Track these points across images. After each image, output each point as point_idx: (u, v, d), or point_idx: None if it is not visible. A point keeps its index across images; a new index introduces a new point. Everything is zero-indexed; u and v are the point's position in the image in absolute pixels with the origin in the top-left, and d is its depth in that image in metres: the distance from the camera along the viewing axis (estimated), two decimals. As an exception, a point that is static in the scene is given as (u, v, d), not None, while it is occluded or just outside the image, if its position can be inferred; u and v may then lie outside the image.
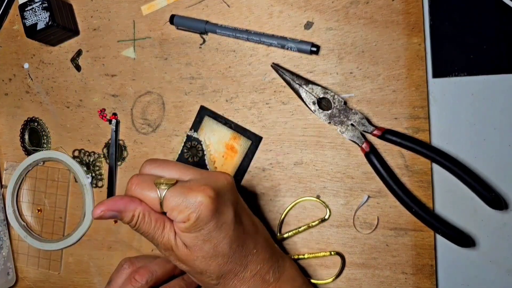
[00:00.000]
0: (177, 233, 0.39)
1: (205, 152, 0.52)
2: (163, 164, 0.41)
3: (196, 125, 0.52)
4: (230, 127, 0.51)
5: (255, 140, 0.50)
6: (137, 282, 0.46)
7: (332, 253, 0.48)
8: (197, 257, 0.39)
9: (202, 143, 0.52)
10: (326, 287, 0.49)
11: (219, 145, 0.52)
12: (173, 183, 0.38)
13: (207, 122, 0.52)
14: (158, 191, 0.38)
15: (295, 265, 0.46)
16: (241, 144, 0.51)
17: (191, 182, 0.39)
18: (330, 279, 0.48)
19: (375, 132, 0.45)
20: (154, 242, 0.41)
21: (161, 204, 0.38)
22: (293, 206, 0.49)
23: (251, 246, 0.41)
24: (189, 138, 0.53)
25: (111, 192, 0.56)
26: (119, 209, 0.39)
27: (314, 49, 0.47)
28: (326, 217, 0.48)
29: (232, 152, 0.51)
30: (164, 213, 0.40)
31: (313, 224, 0.48)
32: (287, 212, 0.49)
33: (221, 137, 0.52)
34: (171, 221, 0.40)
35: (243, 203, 0.43)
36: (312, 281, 0.48)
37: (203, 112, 0.52)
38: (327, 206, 0.48)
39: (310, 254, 0.48)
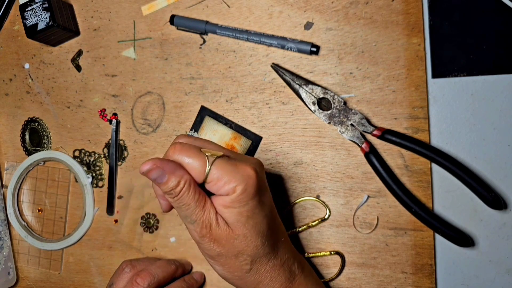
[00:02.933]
0: (218, 210, 0.38)
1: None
2: (199, 140, 0.40)
3: (196, 125, 0.52)
4: (231, 127, 0.51)
5: (255, 140, 0.50)
6: (139, 286, 0.46)
7: (332, 252, 0.48)
8: (238, 235, 0.38)
9: (202, 143, 0.52)
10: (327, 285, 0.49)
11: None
12: (220, 156, 0.37)
13: (208, 122, 0.52)
14: (207, 158, 0.37)
15: (308, 264, 0.47)
16: (241, 144, 0.51)
17: (234, 158, 0.38)
18: (329, 279, 0.48)
19: (374, 132, 0.45)
20: (192, 218, 0.38)
21: (207, 173, 0.36)
22: (292, 206, 0.49)
23: (280, 234, 0.41)
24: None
25: (111, 192, 0.56)
26: (168, 170, 0.36)
27: (314, 49, 0.47)
28: (326, 216, 0.48)
29: (232, 152, 0.51)
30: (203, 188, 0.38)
31: (313, 224, 0.48)
32: (286, 211, 0.50)
33: (222, 137, 0.52)
34: (210, 198, 0.38)
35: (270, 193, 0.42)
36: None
37: (204, 112, 0.52)
38: (326, 206, 0.48)
39: (310, 254, 0.48)
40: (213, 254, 0.39)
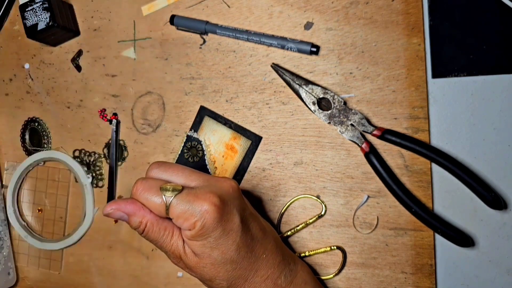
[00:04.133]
0: (185, 241, 0.39)
1: (205, 152, 0.52)
2: (170, 169, 0.41)
3: (196, 125, 0.52)
4: (230, 127, 0.51)
5: (255, 140, 0.50)
6: None
7: (333, 247, 0.48)
8: (206, 264, 0.39)
9: (202, 143, 0.52)
10: (328, 283, 0.49)
11: (219, 145, 0.52)
12: (180, 190, 0.38)
13: (207, 122, 0.52)
14: (164, 198, 0.38)
15: (308, 268, 0.46)
16: (241, 144, 0.51)
17: (197, 190, 0.39)
18: (332, 275, 0.48)
19: (374, 132, 0.45)
20: (163, 250, 0.41)
21: (166, 210, 0.38)
22: (291, 204, 0.49)
23: (260, 251, 0.41)
24: (189, 138, 0.53)
25: (111, 192, 0.56)
26: (129, 212, 0.39)
27: (314, 49, 0.47)
28: (322, 213, 0.48)
29: (232, 152, 0.51)
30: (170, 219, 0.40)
31: (310, 221, 0.48)
32: (285, 210, 0.50)
33: (221, 137, 0.52)
34: (179, 228, 0.40)
35: (251, 209, 0.43)
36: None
37: (203, 112, 0.52)
38: (322, 202, 0.48)
39: (311, 251, 0.48)
40: (193, 276, 0.41)
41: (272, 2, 0.50)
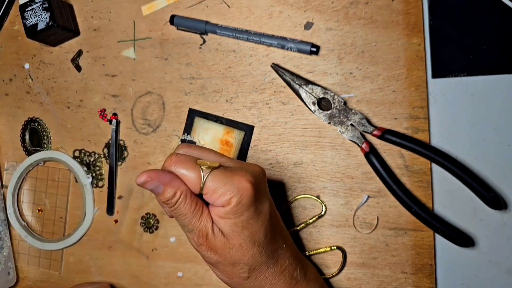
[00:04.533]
0: (215, 219, 0.38)
1: (205, 152, 0.52)
2: (201, 149, 0.40)
3: (188, 128, 0.52)
4: (222, 122, 0.51)
5: (248, 130, 0.50)
6: None
7: (333, 247, 0.48)
8: (234, 245, 0.38)
9: (197, 144, 0.52)
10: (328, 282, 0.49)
11: (214, 143, 0.52)
12: (217, 166, 0.37)
13: (198, 122, 0.52)
14: (201, 172, 0.37)
15: (314, 267, 0.46)
16: (235, 137, 0.51)
17: (232, 168, 0.38)
18: (332, 275, 0.48)
19: (375, 132, 0.45)
20: (188, 228, 0.39)
21: (202, 185, 0.37)
22: (291, 204, 0.49)
23: (281, 241, 0.41)
24: (183, 142, 0.53)
25: (111, 192, 0.56)
26: (164, 181, 0.37)
27: (314, 49, 0.47)
28: (322, 213, 0.48)
29: (227, 147, 0.51)
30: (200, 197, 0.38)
31: (310, 221, 0.48)
32: (285, 210, 0.50)
33: (215, 134, 0.52)
34: (207, 208, 0.39)
35: (271, 198, 0.42)
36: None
37: (193, 114, 0.52)
38: (322, 202, 0.48)
39: (311, 251, 0.48)
40: (212, 261, 0.40)
41: (272, 2, 0.50)
